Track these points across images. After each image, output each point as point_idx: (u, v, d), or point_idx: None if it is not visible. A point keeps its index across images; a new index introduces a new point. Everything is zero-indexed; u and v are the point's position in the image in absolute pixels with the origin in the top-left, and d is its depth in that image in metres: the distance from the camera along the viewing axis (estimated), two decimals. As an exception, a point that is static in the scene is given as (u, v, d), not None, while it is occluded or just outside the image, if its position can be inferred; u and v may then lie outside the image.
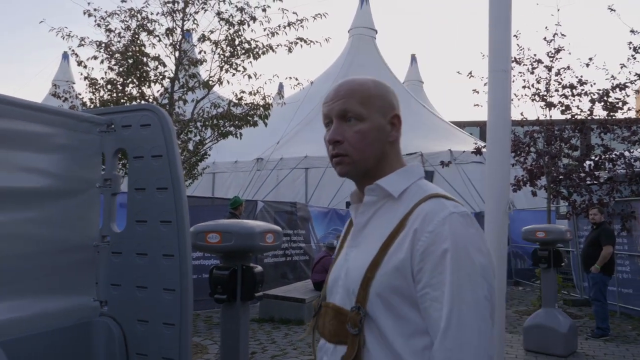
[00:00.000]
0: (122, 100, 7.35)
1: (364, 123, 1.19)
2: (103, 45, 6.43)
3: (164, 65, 6.08)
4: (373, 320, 1.12)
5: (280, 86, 7.67)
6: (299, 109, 18.90)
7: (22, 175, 2.05)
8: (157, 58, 6.12)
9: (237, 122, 6.24)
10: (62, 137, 2.20)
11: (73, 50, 7.91)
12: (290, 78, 6.67)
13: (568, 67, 8.97)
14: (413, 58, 30.54)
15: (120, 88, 7.55)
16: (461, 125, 27.22)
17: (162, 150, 2.25)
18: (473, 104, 9.44)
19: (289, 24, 6.30)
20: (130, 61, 5.91)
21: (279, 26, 6.31)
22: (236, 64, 6.16)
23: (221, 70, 6.23)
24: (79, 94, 8.93)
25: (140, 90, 6.12)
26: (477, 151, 9.72)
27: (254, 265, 3.23)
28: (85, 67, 7.87)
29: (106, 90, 7.68)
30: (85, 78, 7.96)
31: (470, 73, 9.24)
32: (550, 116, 9.12)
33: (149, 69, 6.04)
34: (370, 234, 1.20)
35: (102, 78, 7.67)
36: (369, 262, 1.14)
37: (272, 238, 3.21)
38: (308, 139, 19.39)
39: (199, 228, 3.14)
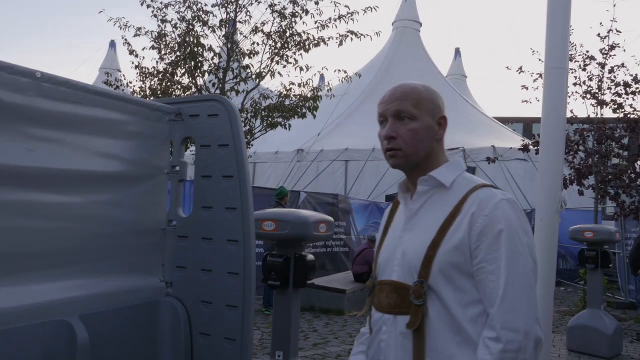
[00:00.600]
0: (171, 90, 7.55)
1: (416, 122, 1.39)
2: (161, 35, 6.60)
3: (220, 57, 6.22)
4: (435, 292, 1.31)
5: (321, 78, 7.74)
6: (341, 101, 18.93)
7: (97, 160, 2.16)
8: (212, 49, 6.25)
9: (285, 113, 6.34)
10: (135, 124, 2.31)
11: (126, 40, 8.16)
12: (339, 71, 6.74)
13: (622, 65, 8.71)
14: (457, 52, 30.09)
15: (170, 77, 7.76)
16: (504, 121, 26.70)
17: (229, 140, 2.33)
18: (521, 100, 9.24)
19: (340, 17, 6.34)
20: (187, 51, 6.06)
21: (330, 19, 6.36)
22: (287, 55, 6.25)
23: (272, 61, 6.33)
24: (130, 82, 9.19)
25: (193, 80, 6.27)
26: (525, 148, 9.55)
27: (306, 254, 3.32)
28: (136, 55, 8.11)
29: (157, 79, 7.90)
30: (136, 67, 8.19)
31: (521, 68, 9.07)
32: (602, 114, 8.88)
33: (203, 60, 6.18)
34: (424, 218, 1.39)
35: (153, 67, 7.88)
36: (429, 242, 1.32)
37: (325, 228, 3.29)
38: (349, 131, 19.40)
39: (255, 215, 3.23)
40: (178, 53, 6.41)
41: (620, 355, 6.04)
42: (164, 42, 6.72)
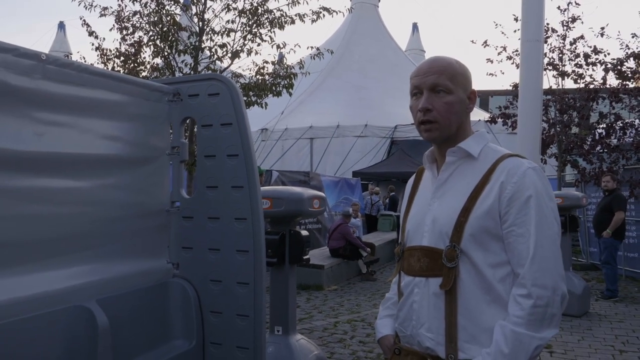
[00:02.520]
0: (136, 71, 7.36)
1: (452, 96, 1.44)
2: (130, 15, 6.41)
3: (196, 35, 6.09)
4: (466, 255, 1.38)
5: (281, 55, 7.71)
6: (302, 79, 18.87)
7: (101, 143, 2.13)
8: (188, 29, 6.12)
9: (261, 92, 6.29)
10: (136, 106, 2.27)
11: (85, 20, 7.88)
12: (311, 48, 6.70)
13: (582, 37, 8.99)
14: (415, 27, 30.27)
15: (134, 58, 7.56)
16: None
17: (232, 119, 2.33)
18: (487, 73, 9.44)
19: (309, -7, 6.28)
20: (163, 30, 5.91)
21: (299, -5, 6.29)
22: (261, 33, 6.18)
23: (244, 40, 6.25)
24: (91, 64, 8.90)
25: (165, 61, 6.12)
26: (492, 120, 9.80)
27: (300, 230, 3.36)
28: (96, 37, 7.85)
29: (119, 60, 7.70)
30: (97, 49, 7.95)
31: (486, 42, 9.25)
32: (563, 85, 9.18)
33: (179, 39, 6.04)
34: (453, 187, 1.46)
35: (116, 48, 7.66)
36: (460, 209, 1.40)
37: (319, 203, 3.33)
38: (312, 109, 19.39)
39: (249, 195, 3.24)
40: (148, 32, 6.24)
41: (588, 313, 6.39)
42: (130, 23, 6.53)
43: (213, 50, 6.07)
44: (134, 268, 2.26)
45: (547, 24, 9.12)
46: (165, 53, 6.04)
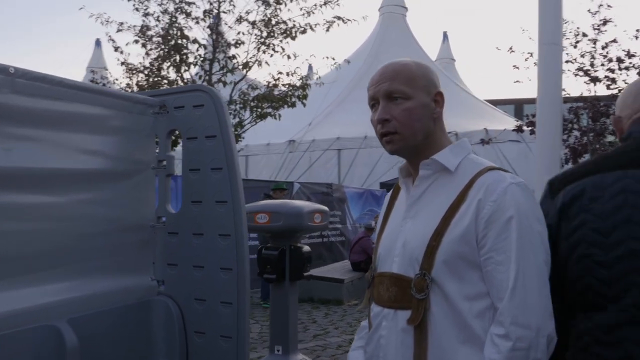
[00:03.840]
0: (158, 85, 7.42)
1: (410, 101, 1.28)
2: (144, 28, 6.47)
3: (205, 48, 6.09)
4: (438, 285, 1.21)
5: (310, 68, 7.64)
6: (331, 89, 18.83)
7: (79, 157, 2.07)
8: (197, 41, 6.13)
9: (275, 103, 6.23)
10: (118, 119, 2.22)
11: (110, 37, 8.01)
12: (327, 58, 6.63)
13: (614, 40, 8.64)
14: (445, 35, 29.96)
15: (157, 72, 7.63)
16: (495, 103, 26.68)
17: (216, 131, 2.25)
18: (514, 81, 9.15)
19: (325, 3, 6.22)
20: (172, 43, 5.93)
21: (315, 5, 6.25)
22: (273, 44, 6.13)
23: (258, 51, 6.21)
24: (116, 79, 9.04)
25: (179, 74, 6.16)
26: (519, 129, 9.49)
27: (302, 245, 3.24)
28: (121, 52, 7.97)
29: (143, 75, 7.77)
30: (122, 63, 8.06)
31: (511, 48, 8.99)
32: (595, 92, 8.83)
33: (188, 52, 6.06)
34: (427, 205, 1.29)
35: (140, 63, 7.75)
36: (432, 231, 1.23)
37: (320, 218, 3.21)
38: (340, 120, 19.31)
39: (248, 208, 3.15)
40: (163, 47, 6.28)
41: None
42: (147, 37, 6.59)
43: (222, 62, 6.05)
44: (115, 285, 2.18)
45: (577, 27, 8.83)
46: (175, 65, 6.04)
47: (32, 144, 1.89)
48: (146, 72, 7.71)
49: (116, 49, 8.03)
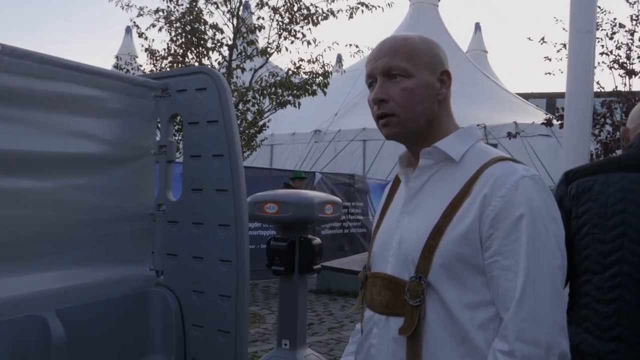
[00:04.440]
0: (183, 71, 7.36)
1: (411, 80, 1.13)
2: (161, 12, 6.41)
3: (222, 32, 6.00)
4: (435, 291, 1.07)
5: (339, 57, 7.48)
6: (358, 79, 18.59)
7: (76, 141, 1.99)
8: (214, 26, 6.04)
9: (295, 91, 6.11)
10: (116, 101, 2.12)
11: (134, 22, 7.97)
12: (350, 45, 6.46)
13: (653, 31, 8.22)
14: (477, 27, 29.31)
15: (181, 59, 7.57)
16: (527, 97, 26.03)
17: (218, 115, 2.13)
18: (545, 73, 8.78)
19: (350, -12, 6.06)
20: (188, 28, 5.85)
21: (339, -10, 6.08)
22: (295, 30, 6.00)
23: (279, 37, 6.09)
24: (140, 66, 9.04)
25: (197, 60, 6.07)
26: (548, 122, 9.16)
27: (312, 237, 3.12)
28: (146, 38, 7.93)
29: (167, 61, 7.72)
30: (147, 50, 8.02)
31: (543, 39, 8.64)
32: (631, 86, 8.44)
33: (206, 37, 5.97)
34: (428, 199, 1.15)
35: (164, 49, 7.70)
36: (431, 229, 1.08)
37: (332, 209, 3.08)
38: (366, 110, 18.97)
39: (256, 198, 3.05)
40: (181, 32, 6.20)
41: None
42: (168, 21, 6.52)
43: (241, 47, 5.94)
44: (110, 275, 2.10)
45: (615, 18, 8.42)
46: (196, 51, 5.96)
47: (21, 126, 1.80)
48: (170, 58, 7.66)
49: (140, 35, 8.00)
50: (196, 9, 6.02)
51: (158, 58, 7.91)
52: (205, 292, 2.15)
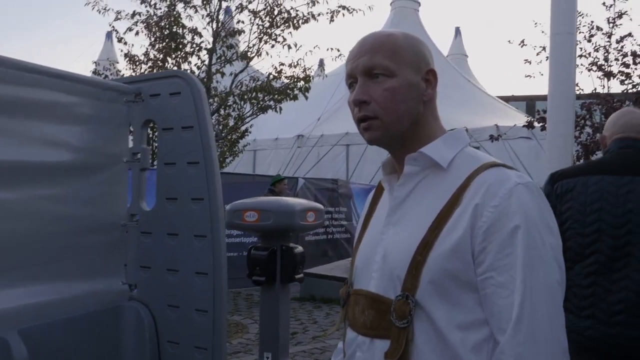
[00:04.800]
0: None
1: (394, 79, 1.05)
2: (137, 15, 6.28)
3: (200, 36, 5.89)
4: (424, 311, 0.98)
5: (321, 62, 7.42)
6: (340, 84, 18.56)
7: (42, 149, 1.88)
8: (193, 30, 5.93)
9: (276, 95, 6.02)
10: (86, 107, 2.02)
11: (113, 27, 7.82)
12: (332, 49, 6.40)
13: (630, 34, 8.32)
14: (457, 31, 29.53)
15: (161, 64, 7.44)
16: (506, 100, 26.26)
17: (193, 121, 2.04)
18: (525, 75, 8.80)
19: (331, -8, 6.00)
20: (166, 32, 5.74)
21: (320, -6, 6.01)
22: (275, 34, 5.91)
23: (260, 41, 6.00)
24: (119, 71, 8.89)
25: (178, 65, 5.96)
26: (529, 125, 9.20)
27: (294, 246, 3.04)
28: (125, 43, 7.79)
29: (147, 66, 7.59)
30: (126, 55, 7.88)
31: (523, 42, 8.69)
32: (609, 88, 8.51)
33: (185, 41, 5.86)
34: (414, 210, 1.06)
35: (144, 54, 7.57)
36: (418, 243, 1.00)
37: (314, 217, 3.00)
38: (349, 115, 18.95)
39: (235, 206, 2.96)
40: (158, 35, 6.08)
41: None
42: (146, 25, 6.39)
43: (220, 51, 5.84)
44: (80, 290, 1.99)
45: (592, 21, 8.50)
46: (174, 55, 5.85)
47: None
48: (150, 63, 7.53)
49: (120, 39, 7.85)
50: (174, 12, 5.90)
51: (137, 63, 7.78)
52: (180, 306, 2.05)
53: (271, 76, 6.27)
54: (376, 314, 1.03)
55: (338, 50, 6.48)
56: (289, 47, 5.95)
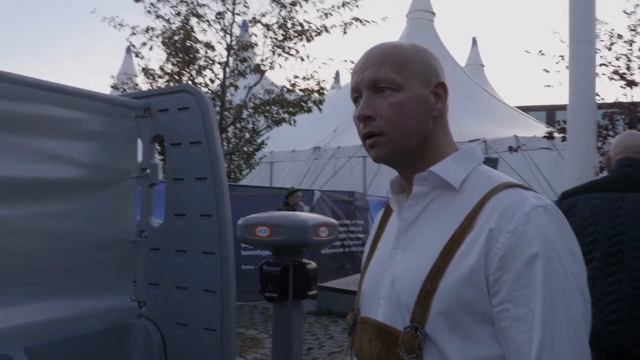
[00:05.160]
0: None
1: (401, 93, 0.99)
2: (150, 30, 6.35)
3: (213, 49, 5.92)
4: (434, 344, 0.90)
5: (337, 74, 7.39)
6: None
7: (50, 165, 1.88)
8: (207, 44, 5.97)
9: (290, 108, 6.01)
10: (95, 123, 2.02)
11: (131, 42, 7.92)
12: (346, 61, 6.38)
13: (652, 41, 8.16)
14: (474, 41, 29.40)
15: (177, 78, 7.50)
16: (526, 110, 25.98)
17: (201, 136, 2.02)
18: (544, 85, 8.66)
19: (344, 4, 5.99)
20: (179, 45, 5.78)
21: (333, 6, 6.02)
22: (288, 47, 5.92)
23: (273, 54, 6.01)
24: (137, 85, 8.98)
25: (192, 79, 6.00)
26: (549, 135, 9.04)
27: (307, 262, 2.98)
28: (142, 58, 7.88)
29: (163, 80, 7.65)
30: (143, 69, 7.96)
31: (541, 51, 8.57)
32: (632, 97, 8.35)
33: (198, 55, 5.90)
34: (423, 233, 0.99)
35: (161, 67, 7.64)
36: (428, 270, 0.92)
37: (327, 232, 2.95)
38: (366, 126, 18.97)
39: (247, 221, 2.92)
40: (172, 49, 6.13)
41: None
42: (162, 40, 6.45)
43: (233, 65, 5.87)
44: (88, 307, 1.96)
45: (612, 29, 8.36)
46: (188, 69, 5.89)
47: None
48: (166, 77, 7.59)
49: (137, 54, 7.94)
50: (187, 27, 5.95)
51: (154, 77, 7.85)
52: (189, 324, 2.01)
53: (285, 89, 6.26)
54: (383, 345, 0.96)
55: (352, 62, 6.49)
56: (302, 59, 5.95)
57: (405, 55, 1.00)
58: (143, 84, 8.18)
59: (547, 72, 8.67)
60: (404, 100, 0.98)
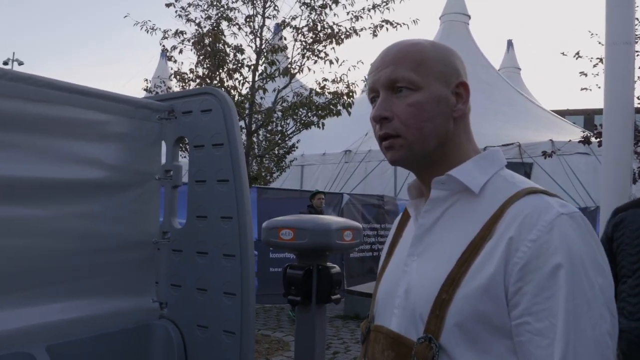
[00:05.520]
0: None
1: (419, 93, 0.94)
2: (180, 34, 6.43)
3: (242, 52, 5.95)
4: (449, 357, 0.86)
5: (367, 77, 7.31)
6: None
7: (75, 167, 1.90)
8: (237, 47, 6.01)
9: (319, 111, 6.00)
10: (120, 124, 2.04)
11: (164, 46, 8.04)
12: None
13: (696, 43, 7.83)
14: (509, 44, 28.92)
15: (209, 81, 7.57)
16: (562, 114, 25.36)
17: (223, 138, 2.02)
18: (580, 88, 8.38)
19: (374, 7, 5.94)
20: (209, 49, 5.83)
21: (364, 9, 5.97)
22: (318, 50, 5.91)
23: (303, 57, 6.02)
24: (169, 88, 9.11)
25: (221, 82, 6.05)
26: (586, 140, 8.78)
27: (331, 265, 2.95)
28: (175, 61, 7.99)
29: (195, 83, 7.74)
30: (175, 73, 8.07)
31: (578, 54, 8.34)
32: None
33: (228, 58, 5.94)
34: (441, 239, 0.95)
35: (191, 70, 7.73)
36: (444, 279, 0.88)
37: (351, 235, 2.91)
38: (397, 130, 18.84)
39: (271, 223, 2.90)
40: (202, 53, 6.20)
41: None
42: (192, 43, 6.53)
43: (262, 67, 5.89)
44: (110, 307, 1.98)
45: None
46: (217, 72, 5.94)
47: (19, 151, 1.72)
48: (198, 80, 7.67)
49: (169, 58, 8.05)
50: (216, 29, 6.00)
51: (187, 80, 7.94)
52: (209, 326, 2.01)
53: (313, 92, 6.26)
54: (396, 356, 0.93)
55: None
56: (331, 62, 5.92)
57: (423, 54, 0.96)
58: (176, 88, 8.29)
59: (585, 75, 8.41)
60: (423, 100, 0.94)
